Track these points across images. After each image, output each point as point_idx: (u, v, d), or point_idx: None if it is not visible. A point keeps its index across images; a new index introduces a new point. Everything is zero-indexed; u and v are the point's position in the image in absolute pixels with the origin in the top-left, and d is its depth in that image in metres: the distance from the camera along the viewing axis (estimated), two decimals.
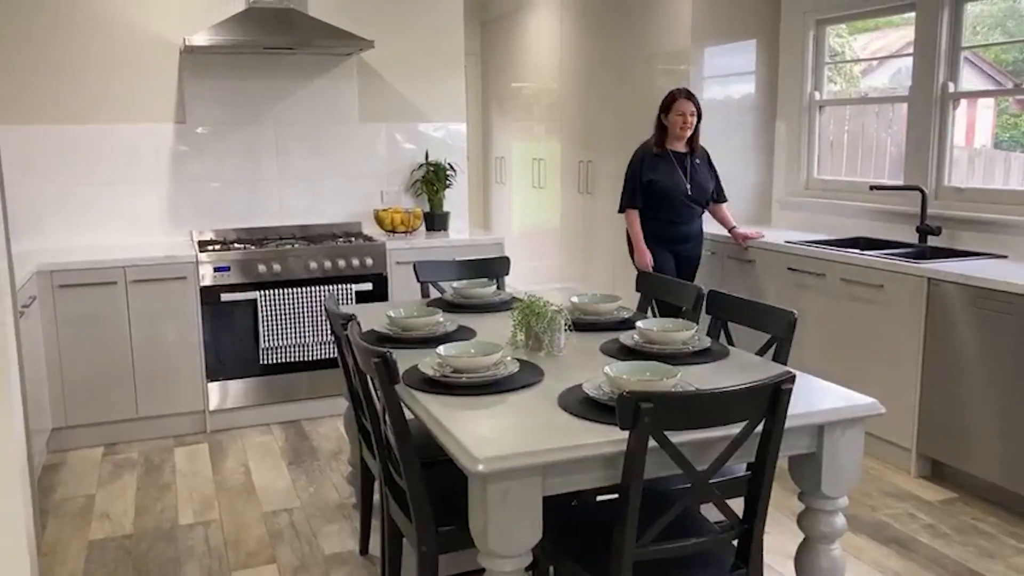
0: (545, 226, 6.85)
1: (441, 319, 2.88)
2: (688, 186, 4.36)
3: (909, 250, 4.07)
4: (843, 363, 3.96)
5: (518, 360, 2.45)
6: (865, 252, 3.90)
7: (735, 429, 1.88)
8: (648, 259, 4.35)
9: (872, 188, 4.23)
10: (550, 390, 2.22)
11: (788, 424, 1.96)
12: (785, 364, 2.56)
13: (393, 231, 4.76)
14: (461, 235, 4.84)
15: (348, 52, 4.67)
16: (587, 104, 6.23)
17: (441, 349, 2.39)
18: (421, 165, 5.02)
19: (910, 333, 3.60)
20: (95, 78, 4.41)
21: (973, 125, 4.59)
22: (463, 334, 2.85)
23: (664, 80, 5.21)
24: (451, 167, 5.03)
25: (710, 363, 2.48)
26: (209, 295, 4.19)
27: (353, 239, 4.63)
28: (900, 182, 4.41)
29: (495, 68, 7.76)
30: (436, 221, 4.96)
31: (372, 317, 3.03)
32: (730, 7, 4.99)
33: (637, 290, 3.42)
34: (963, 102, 4.22)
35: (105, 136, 4.47)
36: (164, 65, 4.52)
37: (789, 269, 4.24)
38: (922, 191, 4.11)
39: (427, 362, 2.39)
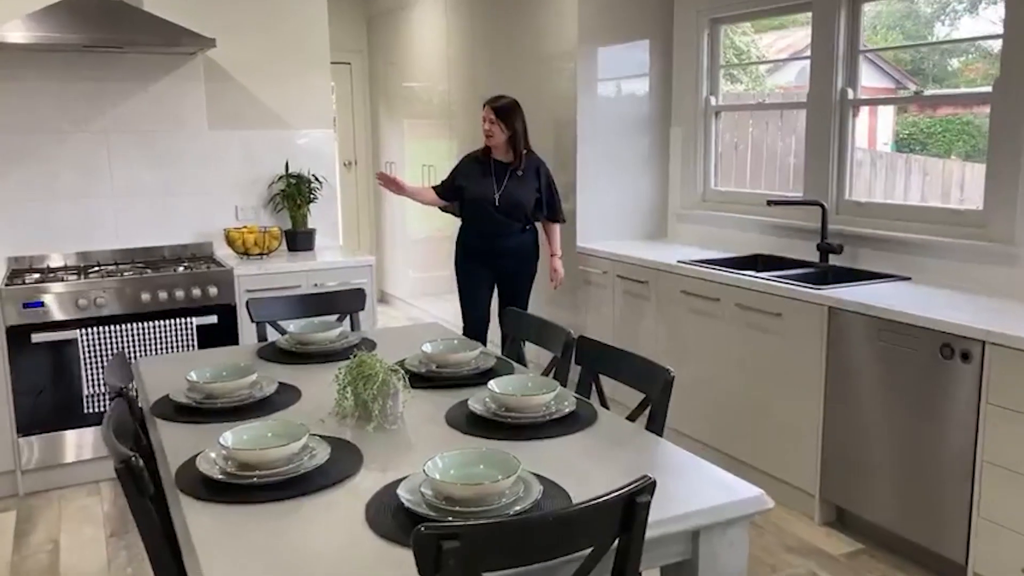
0: (446, 232, 6.37)
1: (255, 378, 2.37)
2: (496, 196, 4.03)
3: (810, 270, 3.74)
4: (740, 398, 3.61)
5: (329, 441, 1.96)
6: (761, 275, 3.56)
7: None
8: (401, 181, 4.10)
9: (770, 203, 3.90)
10: (362, 491, 1.74)
11: (654, 533, 1.54)
12: (660, 431, 2.15)
13: (246, 253, 4.21)
14: (329, 256, 4.33)
15: (189, 52, 4.10)
16: (478, 106, 5.78)
17: (228, 436, 1.89)
18: (280, 177, 4.48)
19: (811, 366, 3.26)
20: None
21: (875, 127, 4.32)
22: (285, 398, 2.35)
23: (555, 82, 4.79)
24: (316, 179, 4.51)
25: (575, 433, 2.06)
26: (17, 336, 3.57)
27: (197, 264, 4.06)
28: (800, 195, 4.09)
29: (383, 67, 7.24)
30: (299, 240, 4.44)
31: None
32: (621, 5, 4.60)
33: (505, 332, 2.99)
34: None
35: None
36: None
37: (683, 292, 3.87)
38: (822, 206, 3.79)
39: (209, 455, 1.87)
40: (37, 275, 3.82)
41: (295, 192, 4.41)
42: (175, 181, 4.32)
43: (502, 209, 4.05)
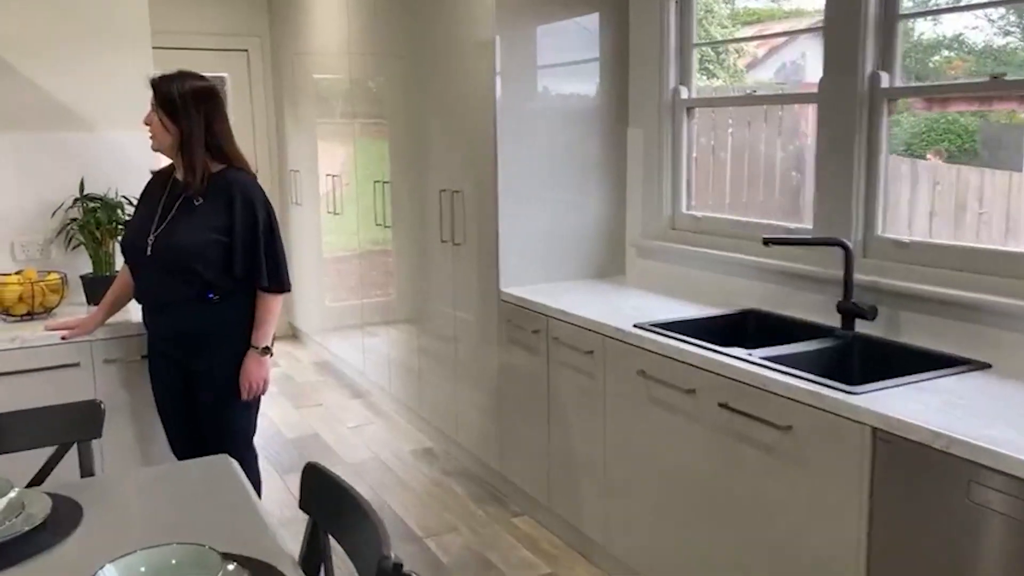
0: (376, 247, 5.07)
1: None
2: (151, 237, 2.58)
3: (827, 343, 2.50)
4: (727, 539, 2.36)
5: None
6: (757, 356, 2.31)
7: None
8: (72, 322, 2.79)
9: (768, 242, 2.65)
10: None
11: None
12: None
13: (7, 313, 2.90)
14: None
15: None
16: (389, 102, 4.53)
17: None
18: (75, 201, 3.17)
19: (843, 513, 2.02)
20: None
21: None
22: None
23: (469, 73, 3.54)
24: (129, 201, 3.20)
25: None
26: None
27: None
28: (808, 227, 2.85)
29: (287, 56, 5.93)
30: (102, 292, 3.12)
31: None
32: None
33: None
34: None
35: None
36: None
37: (641, 374, 2.62)
38: (844, 246, 2.55)
39: None
40: None
41: (95, 221, 3.10)
42: None
43: (157, 261, 2.57)
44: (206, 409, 2.68)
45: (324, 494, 1.50)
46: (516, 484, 3.46)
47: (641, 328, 2.66)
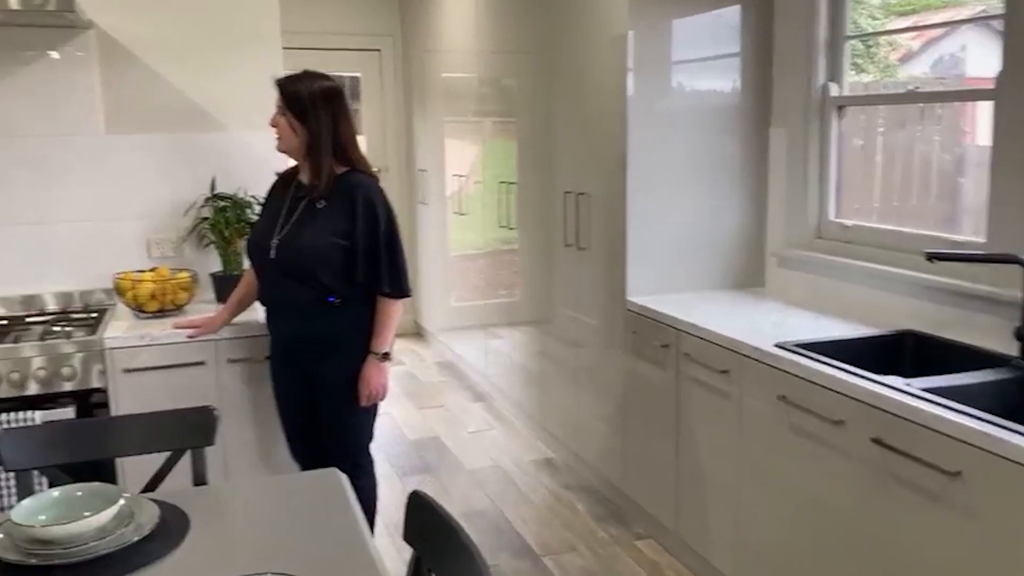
0: (502, 246, 5.01)
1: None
2: (275, 240, 2.53)
3: (1003, 375, 2.20)
4: None
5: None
6: (917, 387, 2.04)
7: None
8: (199, 320, 2.79)
9: (932, 258, 2.36)
10: None
11: None
12: None
13: (140, 309, 2.95)
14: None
15: (64, 23, 2.88)
16: (518, 100, 4.43)
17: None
18: (207, 200, 3.21)
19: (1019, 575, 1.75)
20: None
21: None
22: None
23: (599, 69, 3.38)
24: (258, 201, 3.21)
25: None
26: None
27: (66, 326, 2.83)
28: (981, 241, 2.53)
29: (417, 54, 5.93)
30: (231, 290, 3.15)
31: None
32: None
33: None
34: None
35: None
36: None
37: (782, 399, 2.39)
38: (1022, 264, 2.24)
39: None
40: None
41: (224, 220, 3.12)
42: (58, 205, 3.11)
43: (280, 264, 2.54)
44: (324, 413, 2.64)
45: (429, 528, 1.38)
46: (640, 504, 3.27)
47: (783, 348, 2.42)
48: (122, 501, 1.57)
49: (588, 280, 3.56)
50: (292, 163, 2.66)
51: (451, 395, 5.06)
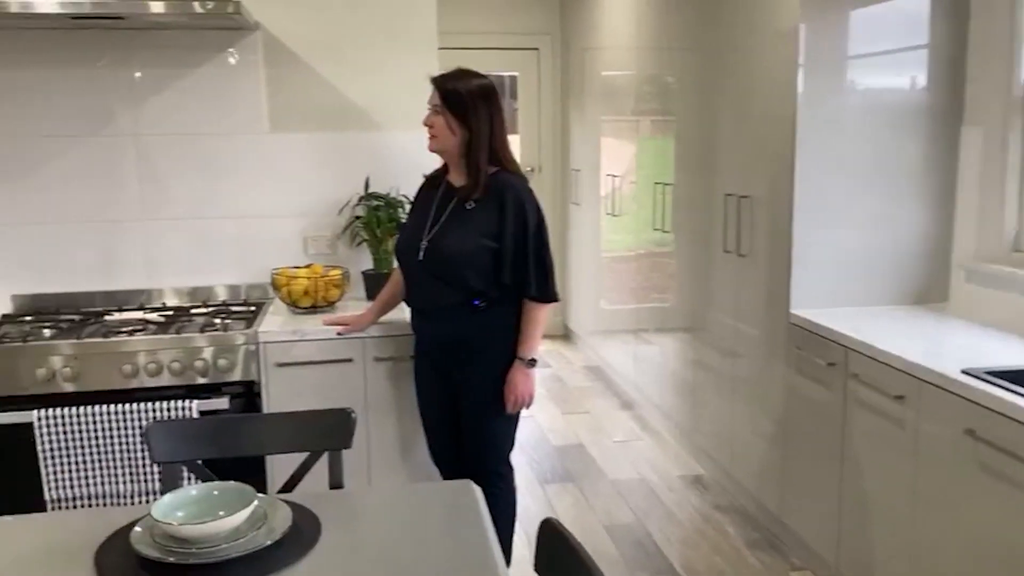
0: (657, 248, 4.88)
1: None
2: (424, 242, 2.46)
3: None
4: None
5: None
6: None
7: None
8: (348, 318, 2.80)
9: None
10: None
11: None
12: None
13: (294, 305, 3.01)
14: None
15: (233, 25, 2.97)
16: (678, 98, 4.26)
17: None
18: (361, 199, 3.24)
19: None
20: None
21: None
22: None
23: (766, 64, 3.16)
24: (409, 200, 3.21)
25: None
26: None
27: (224, 318, 2.93)
28: None
29: (576, 52, 5.84)
30: (381, 287, 3.16)
31: None
32: None
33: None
34: None
35: None
36: None
37: (969, 434, 2.11)
38: None
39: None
40: (28, 320, 2.88)
41: (376, 219, 3.14)
42: (225, 202, 3.23)
43: (428, 266, 2.49)
44: (466, 418, 2.59)
45: (560, 561, 1.27)
46: (797, 532, 3.03)
47: (972, 376, 2.15)
48: (256, 503, 1.56)
49: (748, 289, 3.34)
50: (441, 164, 2.62)
51: (597, 401, 4.94)
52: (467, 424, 2.60)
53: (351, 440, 1.91)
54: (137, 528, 1.53)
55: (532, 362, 2.52)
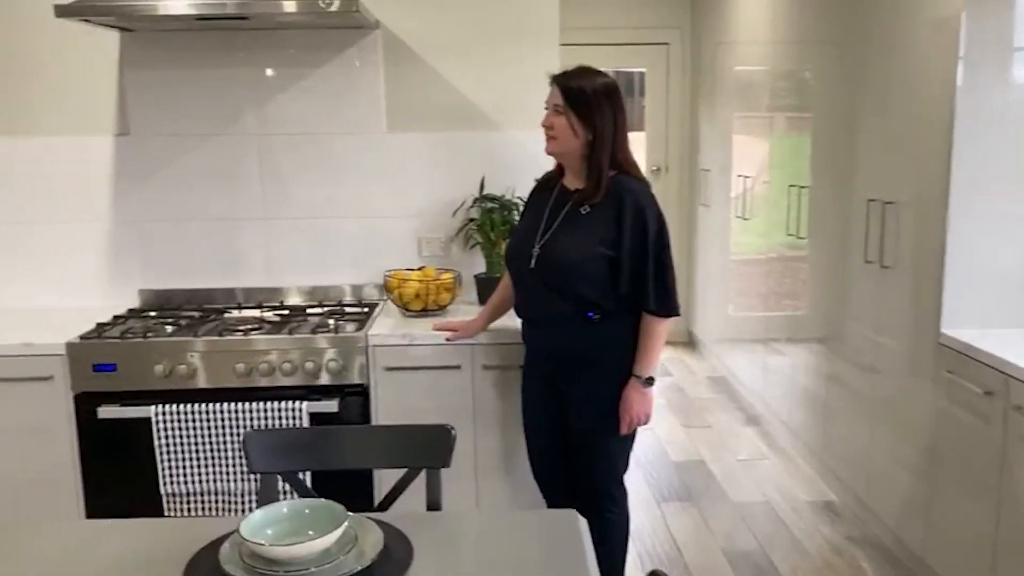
0: (788, 251, 4.61)
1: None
2: (536, 248, 2.30)
3: None
4: None
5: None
6: None
7: None
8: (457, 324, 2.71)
9: None
10: None
11: None
12: None
13: (406, 308, 2.96)
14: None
15: (345, 26, 2.94)
16: (817, 95, 3.99)
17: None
18: (475, 200, 3.15)
19: None
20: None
21: None
22: None
23: (918, 59, 2.88)
24: (524, 202, 3.10)
25: None
26: (86, 408, 2.70)
27: (337, 319, 2.90)
28: None
29: (708, 47, 5.59)
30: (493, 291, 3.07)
31: None
32: None
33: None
34: None
35: (15, 153, 3.16)
36: (96, 48, 3.10)
37: None
38: None
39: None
40: (151, 315, 2.96)
41: (490, 221, 3.05)
42: (344, 202, 3.22)
43: (539, 275, 2.34)
44: (576, 437, 2.46)
45: None
46: (942, 575, 2.74)
47: None
48: (346, 524, 1.48)
49: (891, 303, 3.05)
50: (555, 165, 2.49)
51: (721, 415, 4.69)
52: (576, 442, 2.46)
53: (450, 458, 1.81)
54: (226, 545, 1.48)
55: (649, 380, 2.36)
